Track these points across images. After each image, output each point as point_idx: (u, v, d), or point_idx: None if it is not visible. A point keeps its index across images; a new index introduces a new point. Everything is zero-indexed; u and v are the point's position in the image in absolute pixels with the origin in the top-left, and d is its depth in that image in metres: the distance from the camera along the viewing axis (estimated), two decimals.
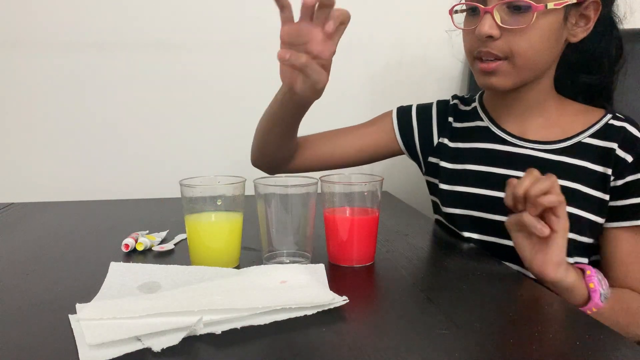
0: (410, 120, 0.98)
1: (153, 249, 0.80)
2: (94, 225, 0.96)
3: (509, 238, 0.73)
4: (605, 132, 0.82)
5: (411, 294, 0.64)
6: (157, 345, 0.49)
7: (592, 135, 0.83)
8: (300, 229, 0.72)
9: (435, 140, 0.95)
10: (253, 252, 0.78)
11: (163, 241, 0.84)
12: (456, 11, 0.82)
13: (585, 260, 0.83)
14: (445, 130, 0.94)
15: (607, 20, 0.82)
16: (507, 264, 0.77)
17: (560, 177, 0.79)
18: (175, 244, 0.82)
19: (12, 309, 0.59)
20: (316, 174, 0.75)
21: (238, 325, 0.53)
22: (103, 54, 1.21)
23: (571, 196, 0.79)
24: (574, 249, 0.80)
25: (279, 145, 0.91)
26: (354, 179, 0.77)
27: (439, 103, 0.98)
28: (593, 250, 0.83)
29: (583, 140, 0.83)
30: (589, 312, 0.70)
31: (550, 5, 0.74)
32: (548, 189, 0.66)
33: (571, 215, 0.78)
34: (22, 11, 1.18)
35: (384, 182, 0.75)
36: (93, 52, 1.21)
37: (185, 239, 0.78)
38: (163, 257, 0.77)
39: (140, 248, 0.79)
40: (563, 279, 0.69)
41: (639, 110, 0.93)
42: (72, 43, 1.20)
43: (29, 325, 0.55)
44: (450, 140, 0.93)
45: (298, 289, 0.62)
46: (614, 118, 0.83)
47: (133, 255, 0.78)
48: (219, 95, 1.26)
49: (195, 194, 0.71)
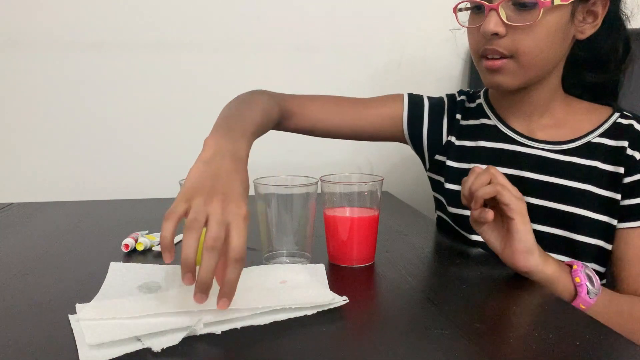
0: (422, 115, 0.94)
1: (153, 249, 0.80)
2: (94, 225, 0.96)
3: None
4: (615, 131, 0.81)
5: (411, 294, 0.64)
6: (157, 345, 0.49)
7: (602, 135, 0.81)
8: (300, 229, 0.72)
9: (444, 139, 0.92)
10: (253, 252, 0.78)
11: None
12: (460, 9, 0.80)
13: (602, 269, 0.80)
14: (453, 128, 0.92)
15: (615, 18, 0.80)
16: None
17: (570, 179, 0.79)
18: (177, 243, 0.82)
19: (12, 309, 0.59)
20: (316, 174, 0.75)
21: (238, 325, 0.53)
22: (103, 54, 1.21)
23: (582, 198, 0.78)
24: (587, 252, 0.78)
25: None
26: (354, 179, 0.77)
27: (449, 98, 0.96)
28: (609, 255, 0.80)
29: (593, 140, 0.81)
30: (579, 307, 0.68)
31: (557, 1, 0.72)
32: (487, 180, 0.67)
33: (582, 218, 0.78)
34: (22, 11, 1.18)
35: (384, 182, 0.75)
36: (93, 52, 1.21)
37: None
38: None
39: (140, 248, 0.79)
40: (538, 269, 0.68)
41: None
42: (72, 43, 1.20)
43: (29, 325, 0.55)
44: (457, 138, 0.91)
45: (298, 289, 0.62)
46: (622, 117, 0.82)
47: (133, 255, 0.78)
48: (219, 95, 1.26)
49: None
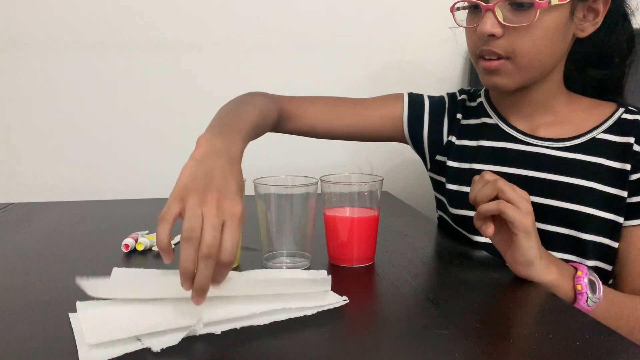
0: (422, 115, 0.93)
1: (153, 249, 0.80)
2: (94, 225, 0.96)
3: None
4: (620, 127, 0.79)
5: (411, 294, 0.64)
6: (157, 345, 0.49)
7: (606, 131, 0.80)
8: (300, 229, 0.72)
9: (445, 139, 0.91)
10: (253, 252, 0.78)
11: None
12: (457, 8, 0.80)
13: (608, 267, 0.78)
14: (454, 128, 0.91)
15: (619, 13, 0.79)
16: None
17: (575, 176, 0.78)
18: (175, 244, 0.82)
19: (12, 308, 0.59)
20: (316, 174, 0.75)
21: (237, 325, 0.53)
22: (103, 54, 1.21)
23: (587, 195, 0.77)
24: (593, 251, 0.77)
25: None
26: (354, 179, 0.77)
27: (449, 98, 0.95)
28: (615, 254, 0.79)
29: (597, 136, 0.80)
30: None
31: (554, 1, 0.71)
32: (492, 194, 0.66)
33: (587, 216, 0.77)
34: (22, 11, 1.18)
35: (384, 182, 0.75)
36: (93, 52, 1.21)
37: None
38: None
39: (140, 248, 0.79)
40: (537, 278, 0.67)
41: None
42: (72, 43, 1.20)
43: (29, 325, 0.55)
44: (458, 138, 0.90)
45: (298, 290, 0.61)
46: (627, 112, 0.81)
47: (133, 255, 0.78)
48: (219, 95, 1.26)
49: None
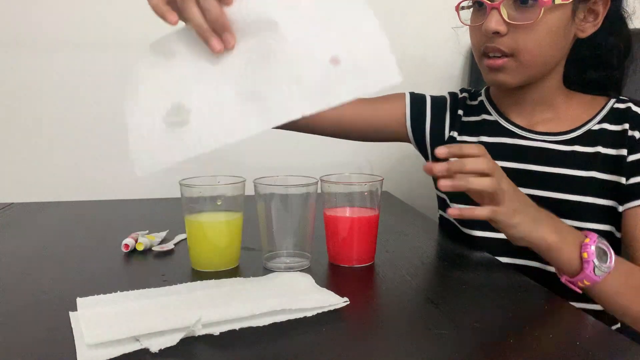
0: (424, 111, 0.95)
1: (153, 249, 0.80)
2: (94, 225, 0.96)
3: None
4: (614, 116, 0.81)
5: (411, 294, 0.64)
6: (155, 345, 0.49)
7: (601, 121, 0.81)
8: (300, 229, 0.72)
9: (447, 134, 0.93)
10: (253, 252, 0.78)
11: (163, 241, 0.84)
12: (462, 7, 0.81)
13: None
14: (455, 124, 0.92)
15: (616, 16, 0.81)
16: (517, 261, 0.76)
17: (574, 167, 0.80)
18: (175, 244, 0.82)
19: (12, 308, 0.59)
20: (316, 174, 0.75)
21: (236, 326, 0.53)
22: (103, 54, 1.21)
23: (587, 185, 0.78)
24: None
25: None
26: (354, 179, 0.77)
27: (451, 96, 0.97)
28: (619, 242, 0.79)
29: (593, 128, 0.81)
30: (580, 285, 0.66)
31: (557, 0, 0.73)
32: (481, 169, 0.62)
33: (588, 205, 0.78)
34: (22, 11, 1.18)
35: (384, 182, 0.75)
36: (93, 52, 1.21)
37: (185, 239, 0.78)
38: (163, 257, 0.77)
39: (140, 248, 0.79)
40: (524, 240, 0.65)
41: None
42: (72, 43, 1.20)
43: (29, 325, 0.55)
44: (459, 134, 0.91)
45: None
46: (618, 101, 0.82)
47: (133, 255, 0.78)
48: None
49: (195, 194, 0.71)
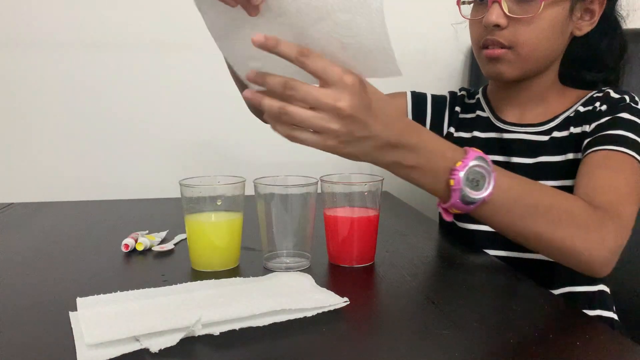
0: (425, 109, 0.97)
1: (153, 249, 0.80)
2: (94, 225, 0.96)
3: None
4: (590, 100, 0.83)
5: (411, 294, 0.64)
6: (155, 345, 0.49)
7: (579, 107, 0.83)
8: (300, 229, 0.72)
9: (445, 130, 0.96)
10: (253, 252, 0.78)
11: (163, 241, 0.84)
12: (463, 2, 0.84)
13: None
14: (453, 120, 0.96)
15: (611, 18, 0.84)
16: (512, 254, 0.77)
17: (554, 154, 0.82)
18: (175, 244, 0.82)
19: (12, 308, 0.59)
20: (316, 174, 0.75)
21: (236, 326, 0.53)
22: (103, 54, 1.21)
23: (568, 168, 0.80)
24: None
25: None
26: (354, 179, 0.77)
27: (450, 94, 0.99)
28: None
29: (570, 114, 0.84)
30: (451, 211, 0.63)
31: None
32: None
33: (571, 188, 0.77)
34: (22, 11, 1.18)
35: (384, 182, 0.75)
36: (93, 52, 1.21)
37: (185, 239, 0.78)
38: (163, 257, 0.77)
39: (140, 248, 0.79)
40: (368, 161, 0.60)
41: None
42: (72, 43, 1.20)
43: (29, 325, 0.55)
44: (456, 130, 0.94)
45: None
46: (599, 91, 0.84)
47: (133, 255, 0.78)
48: (219, 95, 1.26)
49: (195, 194, 0.71)
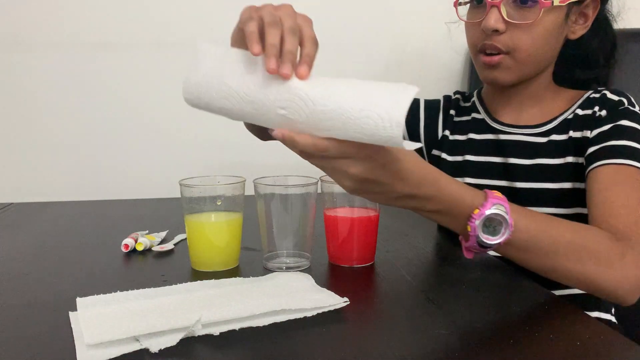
0: (418, 113, 0.98)
1: (153, 249, 0.80)
2: (94, 225, 0.96)
3: None
4: (588, 102, 0.83)
5: (411, 294, 0.64)
6: (155, 345, 0.49)
7: (576, 109, 0.84)
8: (300, 229, 0.72)
9: (440, 134, 0.96)
10: (253, 252, 0.78)
11: (163, 241, 0.84)
12: (460, 3, 0.83)
13: None
14: (447, 123, 0.96)
15: (602, 18, 0.85)
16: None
17: (552, 157, 0.82)
18: (175, 244, 0.82)
19: (12, 308, 0.59)
20: (316, 174, 0.75)
21: (236, 326, 0.53)
22: (103, 54, 1.21)
23: (566, 170, 0.80)
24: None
25: (254, 128, 0.81)
26: None
27: (444, 98, 1.00)
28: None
29: (568, 117, 0.84)
30: (470, 249, 0.64)
31: (556, 2, 0.76)
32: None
33: (569, 191, 0.79)
34: (22, 11, 1.18)
35: None
36: (93, 52, 1.21)
37: (185, 239, 0.78)
38: (163, 257, 0.77)
39: (140, 248, 0.79)
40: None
41: None
42: (72, 43, 1.20)
43: (29, 325, 0.55)
44: (451, 133, 0.95)
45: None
46: (595, 92, 0.84)
47: (133, 255, 0.78)
48: None
49: (195, 194, 0.71)
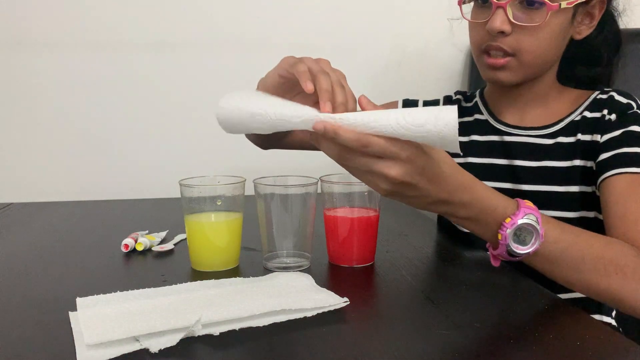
0: None
1: (153, 249, 0.80)
2: (94, 225, 0.96)
3: None
4: (595, 104, 0.83)
5: (411, 294, 0.64)
6: (155, 346, 0.49)
7: (583, 111, 0.83)
8: (300, 229, 0.72)
9: None
10: (253, 252, 0.78)
11: (163, 241, 0.84)
12: (464, 1, 0.82)
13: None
14: None
15: (607, 15, 0.83)
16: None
17: (558, 159, 0.82)
18: (175, 244, 0.82)
19: (12, 308, 0.59)
20: (316, 174, 0.75)
21: (237, 326, 0.53)
22: (103, 54, 1.21)
23: (572, 174, 0.80)
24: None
25: (259, 136, 0.84)
26: (354, 179, 0.76)
27: (445, 99, 0.99)
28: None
29: (575, 118, 0.83)
30: (499, 257, 0.65)
31: (563, 5, 0.74)
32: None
33: (574, 194, 0.79)
34: (22, 11, 1.18)
35: None
36: (93, 52, 1.21)
37: (185, 239, 0.78)
38: (163, 257, 0.77)
39: (140, 248, 0.79)
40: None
41: None
42: (72, 43, 1.20)
43: (28, 325, 0.55)
44: None
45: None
46: (602, 93, 0.84)
47: (133, 255, 0.78)
48: (219, 96, 1.26)
49: (195, 194, 0.71)
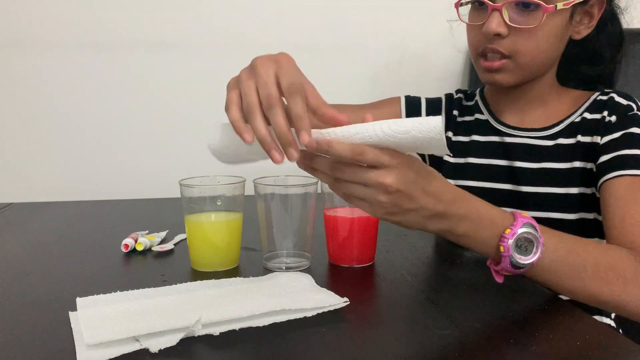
0: (419, 113, 0.97)
1: (153, 249, 0.80)
2: (94, 225, 0.96)
3: None
4: (595, 106, 0.82)
5: (411, 295, 0.64)
6: (155, 346, 0.49)
7: (582, 112, 0.83)
8: (300, 229, 0.72)
9: None
10: (253, 252, 0.78)
11: (163, 241, 0.84)
12: (462, 3, 0.82)
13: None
14: (450, 123, 0.94)
15: (609, 13, 0.82)
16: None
17: (558, 161, 0.81)
18: (175, 244, 0.82)
19: (12, 308, 0.59)
20: None
21: (236, 326, 0.53)
22: (103, 54, 1.21)
23: (571, 176, 0.80)
24: (584, 231, 0.78)
25: None
26: None
27: (446, 97, 0.98)
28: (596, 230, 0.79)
29: (575, 120, 0.83)
30: (501, 273, 0.63)
31: (559, 6, 0.74)
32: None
33: (574, 196, 0.79)
34: (22, 11, 1.18)
35: None
36: (93, 52, 1.21)
37: (185, 239, 0.78)
38: (163, 257, 0.77)
39: (140, 248, 0.79)
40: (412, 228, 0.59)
41: None
42: (72, 43, 1.20)
43: (29, 324, 0.55)
44: (454, 134, 0.93)
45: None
46: (602, 94, 0.83)
47: (133, 255, 0.78)
48: (219, 96, 1.26)
49: (195, 194, 0.71)
